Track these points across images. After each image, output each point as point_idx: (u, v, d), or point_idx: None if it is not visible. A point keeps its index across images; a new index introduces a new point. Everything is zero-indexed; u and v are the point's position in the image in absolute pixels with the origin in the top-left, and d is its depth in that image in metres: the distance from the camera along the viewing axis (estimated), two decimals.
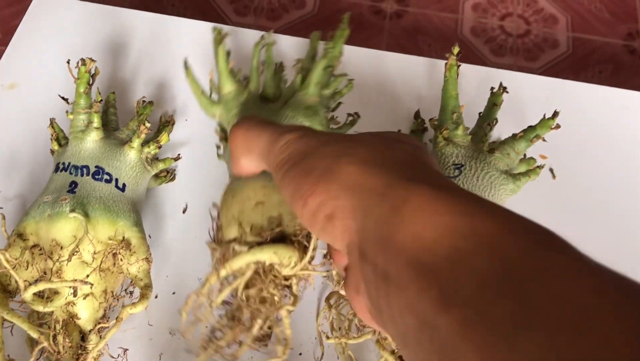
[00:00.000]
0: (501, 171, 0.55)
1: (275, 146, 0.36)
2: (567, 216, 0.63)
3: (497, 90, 0.63)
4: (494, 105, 0.62)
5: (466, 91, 0.69)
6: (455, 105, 0.59)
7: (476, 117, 0.63)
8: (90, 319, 0.51)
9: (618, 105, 0.71)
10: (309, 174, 0.32)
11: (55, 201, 0.52)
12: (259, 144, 0.37)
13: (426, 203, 0.28)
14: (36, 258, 0.51)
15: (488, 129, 0.59)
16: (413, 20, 1.69)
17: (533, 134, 0.56)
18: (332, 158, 0.32)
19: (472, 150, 0.57)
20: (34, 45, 0.71)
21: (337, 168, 0.31)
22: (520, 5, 1.74)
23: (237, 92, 0.54)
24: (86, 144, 0.55)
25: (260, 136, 0.37)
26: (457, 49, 0.59)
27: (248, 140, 0.38)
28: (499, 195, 0.55)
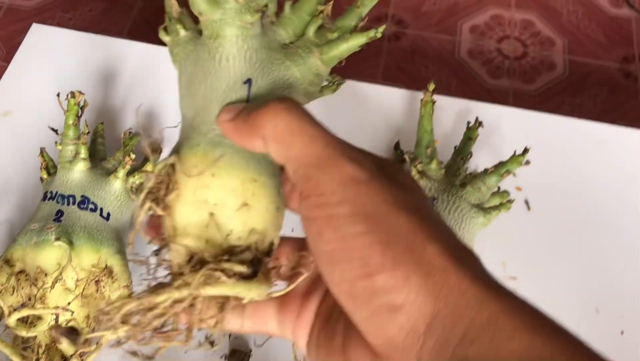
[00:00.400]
0: (472, 205, 0.57)
1: (327, 170, 0.29)
2: (541, 247, 0.65)
3: (473, 124, 0.65)
4: (469, 139, 0.64)
5: (444, 123, 0.71)
6: (430, 140, 0.61)
7: (453, 150, 0.65)
8: (72, 344, 0.53)
9: (596, 139, 0.73)
10: (386, 246, 0.28)
11: (41, 229, 0.54)
12: (303, 147, 0.30)
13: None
14: (22, 284, 0.53)
15: (461, 163, 0.61)
16: (411, 42, 1.72)
17: (504, 169, 0.59)
18: (414, 235, 0.28)
19: (445, 184, 0.59)
20: (29, 74, 0.74)
21: (422, 255, 0.28)
22: (517, 28, 1.77)
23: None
24: (73, 174, 0.58)
25: (314, 141, 0.30)
26: (433, 86, 0.61)
27: (292, 132, 0.31)
28: (470, 228, 0.57)
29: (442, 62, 1.69)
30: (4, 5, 1.70)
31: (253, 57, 0.37)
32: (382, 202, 0.28)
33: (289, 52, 0.39)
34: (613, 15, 1.79)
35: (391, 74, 1.64)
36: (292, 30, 0.40)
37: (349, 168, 0.29)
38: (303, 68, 0.39)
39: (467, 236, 0.57)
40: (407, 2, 1.79)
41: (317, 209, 0.29)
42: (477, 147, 0.68)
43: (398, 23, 1.75)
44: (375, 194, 0.29)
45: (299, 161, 0.30)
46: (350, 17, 0.41)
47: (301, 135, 0.30)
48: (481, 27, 1.76)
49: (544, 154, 0.70)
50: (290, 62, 0.39)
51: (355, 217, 0.28)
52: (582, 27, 1.77)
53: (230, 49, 0.37)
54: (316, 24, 0.40)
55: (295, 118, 0.31)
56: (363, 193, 0.29)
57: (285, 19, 0.40)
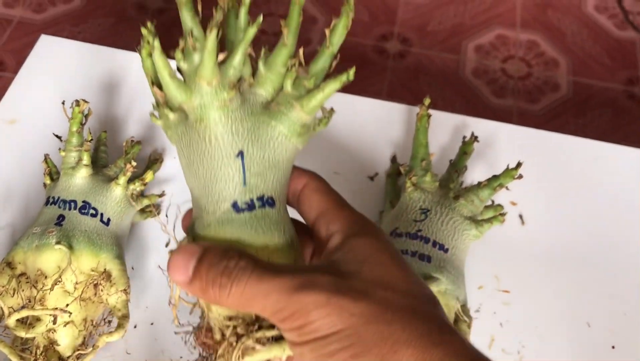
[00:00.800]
0: (465, 217, 0.58)
1: (289, 315, 0.33)
2: (534, 261, 0.66)
3: (469, 139, 0.66)
4: (464, 153, 0.65)
5: (441, 138, 0.72)
6: (425, 153, 0.63)
7: (449, 164, 0.66)
8: (70, 346, 0.54)
9: (590, 155, 0.74)
10: (360, 359, 0.32)
11: (43, 233, 0.55)
12: (262, 306, 0.34)
13: None
14: (22, 286, 0.54)
15: (456, 176, 0.62)
16: (415, 60, 1.73)
17: (497, 183, 0.60)
18: (383, 343, 0.32)
19: (439, 196, 0.60)
20: (35, 84, 0.76)
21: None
22: (522, 48, 1.78)
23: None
24: (75, 180, 0.59)
25: (268, 297, 0.33)
26: (428, 101, 0.63)
27: (248, 298, 0.34)
28: (462, 240, 0.58)
29: (446, 81, 1.70)
30: (14, 19, 1.73)
31: (239, 128, 0.38)
32: (349, 316, 0.32)
33: (272, 112, 0.40)
34: (617, 37, 1.81)
35: (395, 92, 1.65)
36: (270, 87, 0.41)
37: (309, 297, 0.32)
38: (288, 123, 0.40)
39: (460, 247, 0.58)
40: (413, 21, 1.81)
41: (297, 338, 0.33)
42: (472, 161, 0.70)
43: (403, 42, 1.76)
44: (341, 311, 0.32)
45: (265, 314, 0.34)
46: (323, 59, 0.41)
47: (255, 298, 0.33)
48: (486, 46, 1.78)
49: (538, 169, 0.71)
50: (275, 121, 0.40)
51: (329, 338, 0.32)
52: (586, 48, 1.78)
53: (216, 128, 0.38)
54: (291, 78, 0.40)
55: (246, 281, 0.34)
56: (327, 314, 0.32)
57: (261, 78, 0.40)
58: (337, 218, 0.38)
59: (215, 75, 0.38)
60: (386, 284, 0.34)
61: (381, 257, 0.35)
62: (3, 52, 1.64)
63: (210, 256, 0.35)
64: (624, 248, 0.68)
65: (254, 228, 0.38)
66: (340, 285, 0.33)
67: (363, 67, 1.68)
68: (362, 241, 0.36)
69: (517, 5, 1.87)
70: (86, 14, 1.74)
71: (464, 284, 0.58)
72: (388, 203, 0.65)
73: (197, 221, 0.39)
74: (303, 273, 0.34)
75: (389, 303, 0.33)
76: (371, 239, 0.37)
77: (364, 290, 0.33)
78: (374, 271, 0.35)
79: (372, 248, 0.36)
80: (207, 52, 0.37)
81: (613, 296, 0.65)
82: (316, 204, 0.40)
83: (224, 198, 0.38)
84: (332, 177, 0.70)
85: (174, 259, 0.36)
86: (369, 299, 0.33)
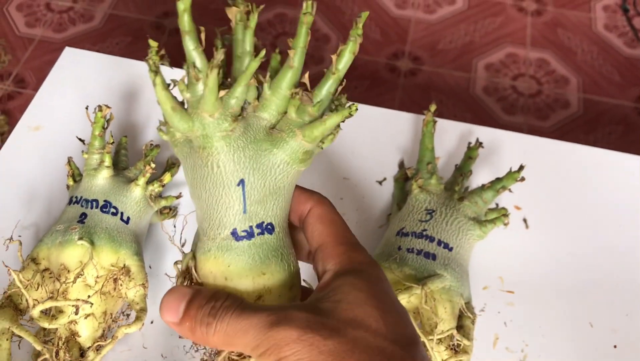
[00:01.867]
0: (469, 218, 0.61)
1: (265, 353, 0.34)
2: (538, 263, 0.68)
3: (474, 145, 0.69)
4: (469, 158, 0.68)
5: (448, 144, 0.75)
6: (431, 157, 0.65)
7: (454, 168, 0.69)
8: (90, 337, 0.57)
9: (593, 162, 0.76)
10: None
11: (66, 230, 0.58)
12: (241, 343, 0.35)
13: None
14: (46, 280, 0.57)
15: (460, 179, 0.65)
16: (427, 78, 1.76)
17: (500, 185, 0.62)
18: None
19: (444, 198, 0.62)
20: (59, 92, 0.79)
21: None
22: (532, 66, 1.80)
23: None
24: (97, 181, 0.62)
25: (246, 334, 0.35)
26: (434, 107, 0.65)
27: (229, 336, 0.36)
28: (467, 239, 0.60)
29: (457, 98, 1.72)
30: (36, 38, 1.78)
31: (241, 157, 0.40)
32: (318, 354, 0.33)
33: (275, 139, 0.41)
34: (628, 55, 1.82)
35: (406, 108, 1.68)
36: (275, 111, 0.41)
37: (282, 333, 0.34)
38: (290, 151, 0.41)
39: (464, 246, 0.60)
40: (424, 40, 1.84)
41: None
42: (477, 167, 0.72)
43: (415, 60, 1.79)
44: (311, 348, 0.33)
45: (247, 351, 0.36)
46: (328, 85, 0.41)
47: (236, 335, 0.35)
48: (496, 64, 1.80)
49: (541, 175, 0.73)
50: (277, 149, 0.41)
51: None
52: (596, 66, 1.80)
53: (218, 156, 0.40)
54: (295, 105, 0.40)
55: (228, 320, 0.36)
56: (298, 350, 0.33)
57: (266, 101, 0.41)
58: (332, 256, 0.40)
59: (217, 108, 0.39)
60: (359, 323, 0.35)
61: (358, 295, 0.36)
62: (24, 70, 1.69)
63: (200, 297, 0.37)
64: (626, 250, 0.69)
65: (252, 256, 0.40)
66: (312, 322, 0.34)
67: (375, 84, 1.71)
68: (346, 280, 0.37)
69: (527, 24, 1.89)
70: (105, 34, 1.79)
71: (468, 282, 0.60)
72: (395, 205, 0.67)
73: (200, 245, 0.42)
74: (280, 310, 0.35)
75: (357, 342, 0.34)
76: (354, 278, 0.37)
77: (335, 328, 0.34)
78: (348, 310, 0.35)
79: (352, 287, 0.37)
80: (209, 89, 0.39)
81: (615, 297, 0.66)
82: (317, 235, 0.41)
83: (224, 225, 0.40)
84: (342, 182, 0.73)
85: (166, 301, 0.38)
86: (339, 337, 0.34)
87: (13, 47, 1.74)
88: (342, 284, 0.37)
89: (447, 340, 0.55)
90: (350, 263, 0.39)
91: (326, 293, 0.37)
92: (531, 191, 0.71)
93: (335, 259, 0.39)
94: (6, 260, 0.64)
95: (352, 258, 0.39)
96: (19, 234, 0.66)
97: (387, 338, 0.35)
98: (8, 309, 0.56)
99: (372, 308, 0.36)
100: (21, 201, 0.70)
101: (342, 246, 0.40)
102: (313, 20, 0.40)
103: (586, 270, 0.68)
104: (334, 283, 0.38)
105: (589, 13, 1.92)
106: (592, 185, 0.74)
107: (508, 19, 1.90)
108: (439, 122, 0.73)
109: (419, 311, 0.56)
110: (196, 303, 0.37)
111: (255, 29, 0.42)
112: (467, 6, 1.93)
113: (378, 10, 1.89)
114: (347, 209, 0.70)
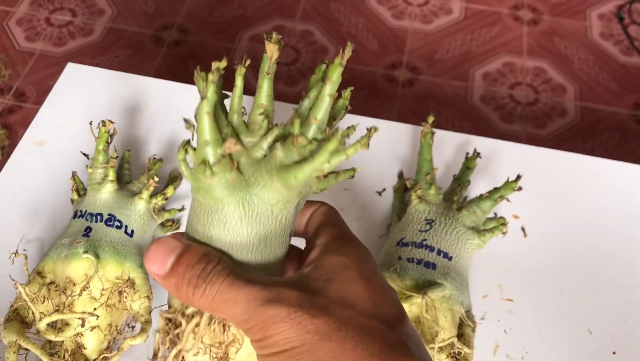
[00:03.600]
0: (468, 227, 0.62)
1: (253, 326, 0.34)
2: (537, 271, 0.69)
3: (472, 155, 0.70)
4: (467, 168, 0.69)
5: (446, 155, 0.76)
6: (429, 167, 0.66)
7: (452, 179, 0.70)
8: (96, 349, 0.58)
9: (590, 171, 0.77)
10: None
11: (71, 244, 0.59)
12: (230, 313, 0.35)
13: None
14: (52, 293, 0.58)
15: (459, 190, 0.66)
16: (424, 88, 1.78)
17: (497, 194, 0.63)
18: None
19: (443, 208, 0.63)
20: (63, 108, 0.80)
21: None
22: (529, 74, 1.82)
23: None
24: (101, 195, 0.63)
25: (237, 304, 0.34)
26: (432, 119, 0.67)
27: (218, 302, 0.35)
28: (466, 249, 0.61)
29: (454, 107, 1.74)
30: (36, 52, 1.79)
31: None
32: (305, 333, 0.33)
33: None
34: (623, 62, 1.84)
35: (405, 119, 1.69)
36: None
37: (272, 311, 0.33)
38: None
39: (463, 255, 0.61)
40: (421, 50, 1.86)
41: (258, 351, 0.34)
42: (476, 177, 0.73)
43: (412, 70, 1.81)
44: (298, 328, 0.33)
45: (233, 321, 0.35)
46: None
47: (225, 303, 0.35)
48: (493, 74, 1.81)
49: (539, 184, 0.75)
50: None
51: (284, 354, 0.33)
52: (593, 74, 1.82)
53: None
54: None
55: (218, 286, 0.35)
56: (285, 329, 0.33)
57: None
58: (323, 233, 0.40)
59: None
60: (347, 302, 0.35)
61: (348, 275, 0.36)
62: (25, 84, 1.71)
63: (190, 255, 0.36)
64: (623, 258, 0.70)
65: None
66: (302, 301, 0.34)
67: (373, 95, 1.73)
68: (334, 259, 0.37)
69: (523, 33, 1.91)
70: (104, 47, 1.81)
71: (467, 290, 0.61)
72: (395, 216, 0.68)
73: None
74: (272, 286, 0.34)
75: (346, 321, 0.34)
76: (343, 257, 0.37)
77: (324, 307, 0.34)
78: (337, 289, 0.35)
79: (341, 266, 0.37)
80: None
81: (613, 304, 0.67)
82: (316, 220, 0.42)
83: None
84: (342, 193, 0.74)
85: (153, 250, 0.36)
86: (327, 316, 0.33)
87: (13, 61, 1.76)
88: (330, 263, 0.37)
89: (448, 348, 0.55)
90: (339, 242, 0.39)
91: (313, 270, 0.37)
92: (529, 200, 0.72)
93: (326, 236, 0.40)
94: (12, 274, 0.65)
95: (342, 238, 0.40)
96: (24, 248, 0.67)
97: (375, 316, 0.35)
98: (15, 322, 0.57)
99: (362, 288, 0.36)
100: (26, 216, 0.71)
101: (335, 228, 0.41)
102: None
103: (584, 277, 0.69)
104: (322, 260, 0.38)
105: (584, 22, 1.94)
106: (589, 193, 0.75)
107: (504, 29, 1.92)
108: (437, 133, 0.74)
109: (420, 320, 0.57)
110: (185, 261, 0.36)
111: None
112: (464, 16, 1.94)
113: (375, 21, 1.91)
114: (347, 220, 0.70)
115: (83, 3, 1.91)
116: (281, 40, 0.39)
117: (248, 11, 1.91)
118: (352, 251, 0.38)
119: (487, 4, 1.97)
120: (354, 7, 1.94)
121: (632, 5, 1.97)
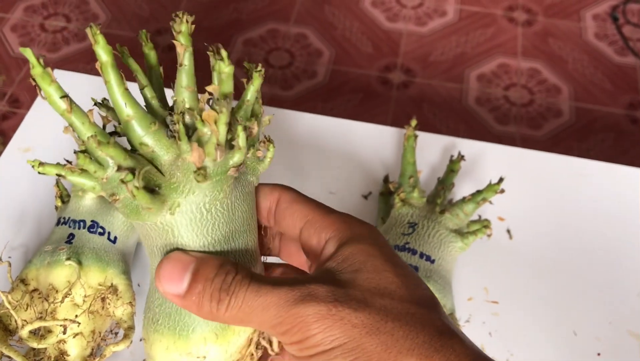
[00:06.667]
0: (450, 230, 0.62)
1: (290, 327, 0.32)
2: (522, 273, 0.69)
3: (456, 158, 0.70)
4: (451, 171, 0.69)
5: (431, 158, 0.76)
6: (413, 171, 0.66)
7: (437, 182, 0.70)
8: (79, 356, 0.58)
9: (575, 172, 0.77)
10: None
11: (54, 251, 0.59)
12: (261, 319, 0.33)
13: None
14: (35, 301, 0.58)
15: (442, 192, 0.66)
16: (419, 90, 1.78)
17: (480, 197, 0.63)
18: (387, 355, 0.31)
19: (426, 210, 0.63)
20: (49, 115, 0.80)
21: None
22: (523, 76, 1.82)
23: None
24: (85, 201, 0.63)
25: (266, 310, 0.33)
26: (415, 122, 0.67)
27: (245, 312, 0.33)
28: (449, 251, 0.61)
29: (449, 109, 1.74)
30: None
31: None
32: (351, 328, 0.32)
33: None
34: (618, 63, 1.84)
35: (400, 121, 1.69)
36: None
37: (309, 310, 0.32)
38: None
39: (446, 258, 0.61)
40: (416, 52, 1.86)
41: (299, 353, 0.33)
42: (460, 179, 0.73)
43: (407, 72, 1.81)
44: (342, 323, 0.32)
45: (264, 328, 0.34)
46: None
47: (253, 312, 0.33)
48: (488, 75, 1.81)
49: (524, 186, 0.75)
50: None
51: (332, 352, 0.32)
52: (587, 74, 1.82)
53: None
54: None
55: (243, 296, 0.33)
56: (328, 327, 0.32)
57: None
58: (327, 225, 0.37)
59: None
60: (383, 291, 0.33)
61: (375, 263, 0.35)
62: (19, 90, 1.71)
63: (207, 269, 0.34)
64: (608, 259, 0.70)
65: None
66: (339, 295, 0.32)
67: (368, 97, 1.73)
68: (356, 248, 0.35)
69: (518, 34, 1.91)
70: None
71: (451, 293, 0.61)
72: (380, 219, 0.68)
73: None
74: (301, 285, 0.33)
75: (388, 311, 0.32)
76: (364, 245, 0.36)
77: (362, 299, 0.33)
78: (369, 279, 0.34)
79: (365, 255, 0.35)
80: None
81: (598, 305, 0.67)
82: (299, 214, 0.39)
83: None
84: (328, 196, 0.74)
85: (165, 269, 0.35)
86: (369, 308, 0.32)
87: (7, 67, 1.76)
88: (353, 253, 0.35)
89: None
90: (350, 230, 0.37)
91: (337, 264, 0.35)
92: (514, 202, 0.72)
93: (333, 227, 0.37)
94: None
95: (350, 224, 0.37)
96: (9, 255, 0.67)
97: (413, 302, 0.34)
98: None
99: (392, 273, 0.34)
100: (10, 222, 0.71)
101: (332, 215, 0.38)
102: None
103: (569, 279, 0.69)
104: (343, 252, 0.36)
105: (579, 22, 1.94)
106: (574, 195, 0.75)
107: (499, 30, 1.92)
108: (422, 135, 0.74)
109: None
110: (203, 276, 0.34)
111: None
112: (458, 18, 1.95)
113: (369, 23, 1.91)
114: None
115: (77, 9, 1.92)
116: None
117: (243, 15, 1.91)
118: (369, 236, 0.37)
119: (482, 6, 1.97)
120: (348, 10, 1.94)
121: (627, 5, 1.97)
